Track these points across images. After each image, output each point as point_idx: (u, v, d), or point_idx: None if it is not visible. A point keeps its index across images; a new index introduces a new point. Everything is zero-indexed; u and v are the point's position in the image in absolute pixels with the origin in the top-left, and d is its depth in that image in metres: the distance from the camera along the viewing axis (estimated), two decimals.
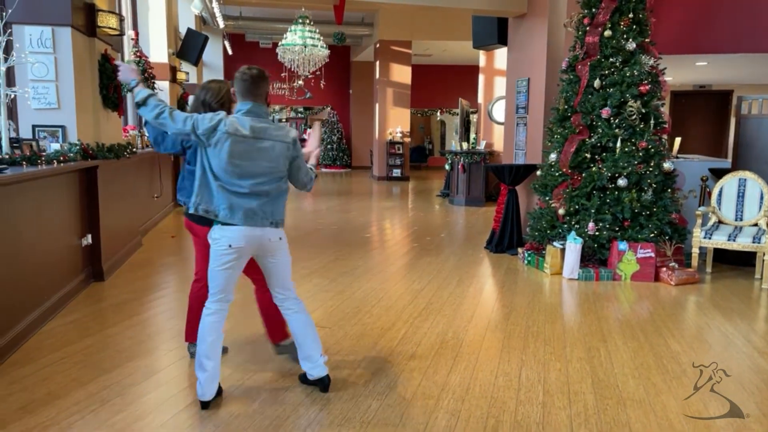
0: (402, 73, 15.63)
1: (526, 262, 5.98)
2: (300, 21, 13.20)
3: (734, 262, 5.83)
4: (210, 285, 2.82)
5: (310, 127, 19.90)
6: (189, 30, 10.93)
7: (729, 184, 5.58)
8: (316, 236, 7.45)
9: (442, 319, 4.18)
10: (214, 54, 16.04)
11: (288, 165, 2.84)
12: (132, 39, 7.91)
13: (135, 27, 9.21)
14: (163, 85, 9.49)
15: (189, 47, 10.68)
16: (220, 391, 2.85)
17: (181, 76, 10.79)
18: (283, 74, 15.19)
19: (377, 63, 15.78)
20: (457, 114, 11.28)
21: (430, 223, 8.59)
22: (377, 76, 15.74)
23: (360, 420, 2.69)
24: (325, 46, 13.57)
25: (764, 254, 5.14)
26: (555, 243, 5.57)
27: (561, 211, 5.60)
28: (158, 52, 9.78)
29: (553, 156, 5.82)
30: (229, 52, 17.68)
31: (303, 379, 3.02)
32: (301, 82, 16.55)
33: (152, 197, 7.85)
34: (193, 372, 3.18)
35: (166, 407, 2.79)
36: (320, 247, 6.69)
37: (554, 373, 3.26)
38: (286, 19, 15.39)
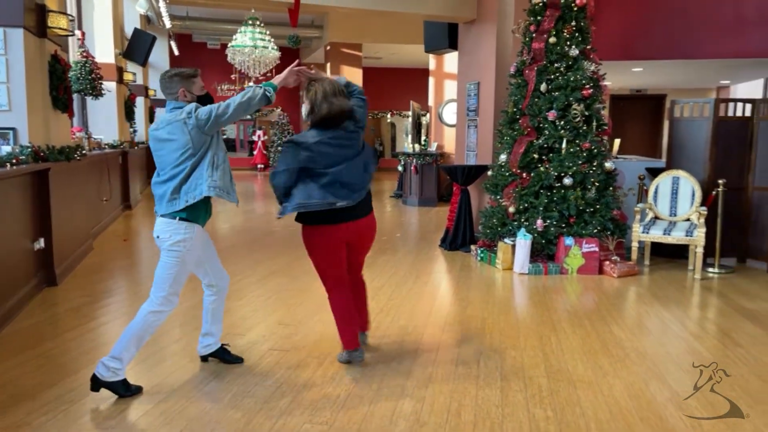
0: (353, 76, 15.73)
1: (479, 258, 6.22)
2: (250, 22, 13.14)
3: (670, 255, 6.23)
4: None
5: (260, 129, 19.76)
6: (136, 30, 10.73)
7: (664, 182, 5.97)
8: (273, 238, 7.48)
9: (403, 313, 4.33)
10: (159, 55, 15.71)
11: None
12: (79, 39, 7.73)
13: (81, 27, 8.98)
14: (109, 86, 9.28)
15: (136, 47, 10.48)
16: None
17: (127, 76, 10.56)
18: (233, 76, 15.03)
19: (328, 65, 15.83)
20: (408, 116, 11.49)
21: (386, 224, 8.74)
22: None
23: (330, 409, 2.80)
24: (275, 47, 13.55)
25: (696, 247, 5.54)
26: (506, 240, 5.82)
27: (511, 210, 5.86)
28: (104, 52, 9.56)
29: (503, 157, 6.08)
30: (176, 52, 17.36)
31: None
32: (251, 84, 16.41)
33: (101, 200, 7.68)
34: (159, 370, 3.21)
35: (136, 406, 2.81)
36: (279, 247, 6.73)
37: (510, 360, 3.46)
38: (235, 20, 15.26)
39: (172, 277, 2.91)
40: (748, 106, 6.07)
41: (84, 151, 6.00)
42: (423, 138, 11.84)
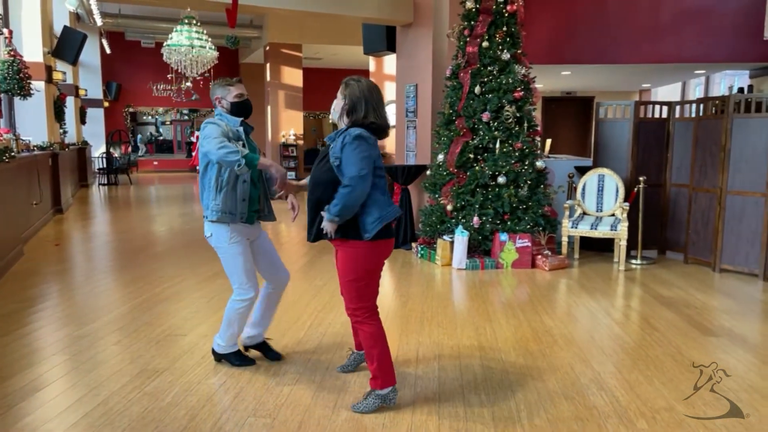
0: (293, 76, 15.72)
1: (419, 255, 6.40)
2: (186, 21, 12.89)
3: (597, 248, 6.61)
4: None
5: (198, 130, 19.37)
6: (66, 28, 10.35)
7: (591, 179, 6.32)
8: None
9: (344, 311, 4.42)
10: (91, 53, 15.20)
11: None
12: (5, 38, 7.41)
13: (8, 25, 8.60)
14: (38, 86, 8.92)
15: (66, 46, 10.12)
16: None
17: (57, 76, 10.18)
18: (169, 75, 14.69)
19: (267, 65, 15.73)
20: None
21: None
22: (268, 78, 15.70)
23: (273, 404, 2.87)
24: (213, 47, 13.35)
25: (620, 240, 5.91)
26: (445, 237, 6.02)
27: (449, 207, 6.06)
28: (32, 51, 9.18)
29: (440, 157, 6.28)
30: (107, 51, 16.81)
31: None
32: (189, 83, 16.10)
33: (31, 204, 7.40)
34: (99, 372, 3.19)
35: (75, 408, 2.79)
36: None
37: (447, 350, 3.62)
38: (169, 18, 14.93)
39: (233, 270, 3.13)
40: (665, 108, 6.52)
41: (12, 154, 5.79)
42: None
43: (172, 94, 18.71)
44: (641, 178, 6.12)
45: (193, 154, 19.32)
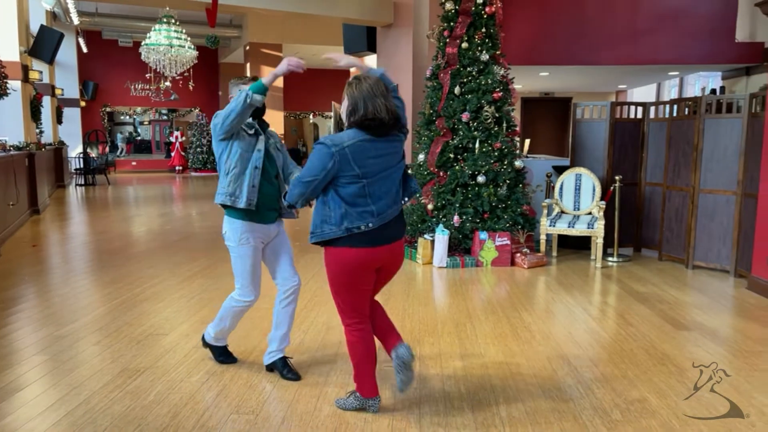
0: None
1: None
2: (165, 20, 12.81)
3: (574, 246, 6.73)
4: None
5: (177, 130, 19.20)
6: (42, 27, 10.21)
7: (568, 179, 6.44)
8: (192, 241, 7.38)
9: (327, 309, 4.46)
10: (67, 52, 15.01)
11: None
12: None
13: None
14: (14, 85, 8.80)
15: (43, 45, 9.99)
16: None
17: (33, 75, 10.04)
18: (147, 75, 14.56)
19: (248, 65, 15.68)
20: (330, 117, 11.61)
21: (307, 224, 8.80)
22: None
23: (256, 401, 2.90)
24: (192, 46, 13.28)
25: (597, 238, 6.03)
26: (425, 235, 6.09)
27: (430, 206, 6.13)
28: (8, 50, 9.05)
29: (421, 156, 6.35)
30: (84, 50, 16.61)
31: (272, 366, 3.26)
32: (168, 83, 15.97)
33: (8, 205, 7.30)
34: (80, 372, 3.19)
35: (57, 407, 2.79)
36: (199, 250, 6.67)
37: (428, 346, 3.68)
38: (147, 17, 14.81)
39: (239, 270, 3.12)
40: (640, 109, 6.66)
41: None
42: None
43: (150, 94, 18.54)
44: (617, 177, 6.24)
45: (172, 154, 19.18)
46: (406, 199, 2.82)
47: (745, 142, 5.44)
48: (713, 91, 10.96)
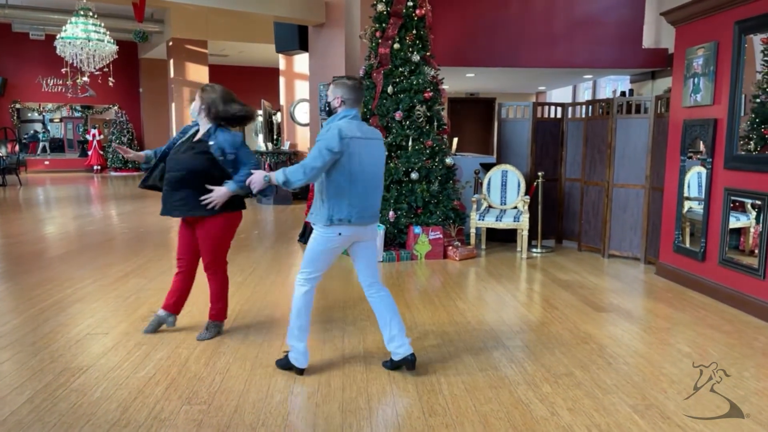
0: (199, 73, 15.33)
1: None
2: (81, 13, 12.27)
3: (502, 239, 7.09)
4: (310, 268, 3.16)
5: (95, 128, 18.34)
6: None
7: (495, 175, 6.79)
8: (118, 241, 7.17)
9: (268, 304, 4.52)
10: None
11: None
12: None
13: None
14: None
15: None
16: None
17: None
18: (63, 70, 13.85)
19: (171, 61, 15.24)
20: (259, 115, 11.52)
21: (243, 222, 8.72)
22: (171, 75, 15.22)
23: (206, 392, 2.95)
24: (112, 41, 12.79)
25: (522, 231, 6.40)
26: None
27: None
28: None
29: None
30: None
31: (391, 364, 3.26)
32: (86, 78, 15.24)
33: None
34: (18, 378, 3.11)
35: (0, 407, 2.73)
36: (128, 251, 6.51)
37: (371, 336, 3.83)
38: (62, 9, 14.08)
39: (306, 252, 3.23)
40: (560, 109, 7.11)
41: None
42: (275, 137, 11.95)
43: (65, 90, 17.61)
44: (540, 174, 6.65)
45: (89, 153, 18.30)
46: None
47: (652, 140, 5.97)
48: (623, 94, 11.78)
